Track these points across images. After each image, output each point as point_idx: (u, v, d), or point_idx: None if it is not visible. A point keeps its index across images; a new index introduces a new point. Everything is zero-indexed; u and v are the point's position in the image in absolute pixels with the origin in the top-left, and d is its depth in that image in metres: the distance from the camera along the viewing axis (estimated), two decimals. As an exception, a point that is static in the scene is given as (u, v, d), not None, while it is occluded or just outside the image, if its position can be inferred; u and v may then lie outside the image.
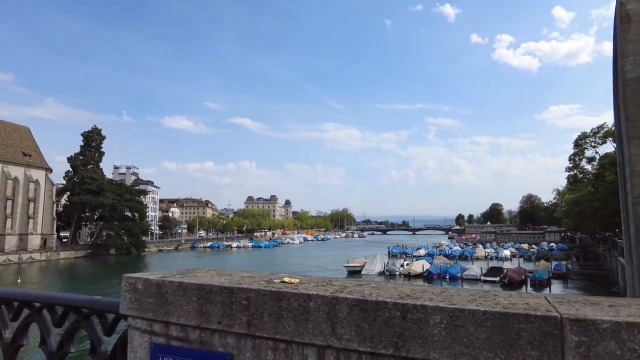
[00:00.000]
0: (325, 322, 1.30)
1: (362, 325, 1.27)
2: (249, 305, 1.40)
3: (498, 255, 74.09)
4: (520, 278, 43.21)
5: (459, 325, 1.19)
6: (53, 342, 2.08)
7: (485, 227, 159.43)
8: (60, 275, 55.56)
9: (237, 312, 1.42)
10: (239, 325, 1.41)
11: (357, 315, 1.27)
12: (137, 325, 1.61)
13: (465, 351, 1.17)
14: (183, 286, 1.52)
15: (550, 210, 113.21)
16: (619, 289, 36.93)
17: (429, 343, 1.20)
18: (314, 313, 1.32)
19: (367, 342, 1.26)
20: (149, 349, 1.56)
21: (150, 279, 1.58)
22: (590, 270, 51.94)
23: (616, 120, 7.61)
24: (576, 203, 61.29)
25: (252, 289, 1.41)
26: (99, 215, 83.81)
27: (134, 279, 1.62)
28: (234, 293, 1.43)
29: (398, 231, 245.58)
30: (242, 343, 1.42)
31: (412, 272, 50.43)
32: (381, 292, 1.37)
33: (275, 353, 1.37)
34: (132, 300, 1.61)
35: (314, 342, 1.31)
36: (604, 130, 52.15)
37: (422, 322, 1.22)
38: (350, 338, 1.27)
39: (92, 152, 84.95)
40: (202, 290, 1.48)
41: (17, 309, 2.22)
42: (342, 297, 1.30)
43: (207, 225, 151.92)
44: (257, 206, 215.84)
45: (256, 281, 1.53)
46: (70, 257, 74.26)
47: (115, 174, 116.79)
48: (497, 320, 1.16)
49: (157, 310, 1.55)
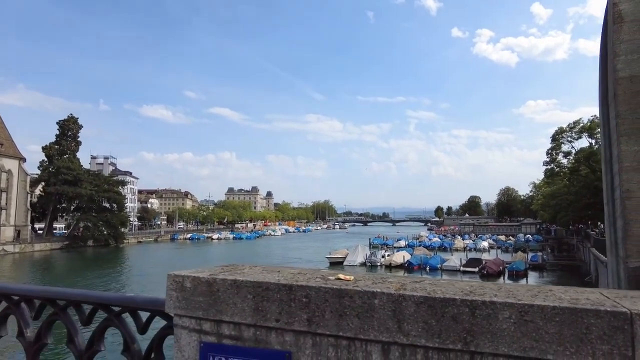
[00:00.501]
0: (391, 319, 1.31)
1: (430, 322, 1.28)
2: (309, 302, 1.39)
3: (476, 246, 75.78)
4: (498, 269, 44.36)
5: (528, 320, 1.21)
6: (81, 340, 2.02)
7: (463, 219, 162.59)
8: (35, 267, 54.04)
9: (297, 309, 1.40)
10: (299, 322, 1.40)
11: (424, 312, 1.28)
12: (185, 324, 1.58)
13: (534, 345, 1.20)
14: (237, 284, 1.49)
15: (527, 203, 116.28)
16: (591, 278, 38.39)
17: (498, 338, 1.22)
18: (379, 310, 1.32)
19: (435, 338, 1.27)
20: (198, 348, 1.54)
21: (200, 277, 1.55)
22: (564, 261, 53.69)
23: (603, 117, 7.82)
24: (552, 196, 63.15)
25: (312, 287, 1.40)
26: (76, 206, 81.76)
27: (181, 277, 1.59)
28: (293, 290, 1.42)
29: (378, 223, 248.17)
30: (301, 340, 1.41)
31: (394, 263, 51.23)
32: (442, 288, 1.38)
33: (337, 350, 1.37)
34: (180, 299, 1.58)
35: (379, 339, 1.32)
36: (580, 126, 53.71)
37: (491, 318, 1.23)
38: (418, 334, 1.28)
39: (68, 141, 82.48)
40: (258, 288, 1.46)
41: (39, 307, 2.15)
42: (408, 295, 1.30)
43: (187, 216, 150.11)
44: (238, 198, 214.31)
45: (311, 278, 1.52)
46: (46, 249, 72.33)
47: (93, 164, 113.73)
48: (566, 315, 1.19)
49: (207, 309, 1.52)
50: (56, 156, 79.61)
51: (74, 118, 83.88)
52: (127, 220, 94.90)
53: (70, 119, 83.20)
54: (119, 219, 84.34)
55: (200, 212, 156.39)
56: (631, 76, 6.59)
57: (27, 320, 2.16)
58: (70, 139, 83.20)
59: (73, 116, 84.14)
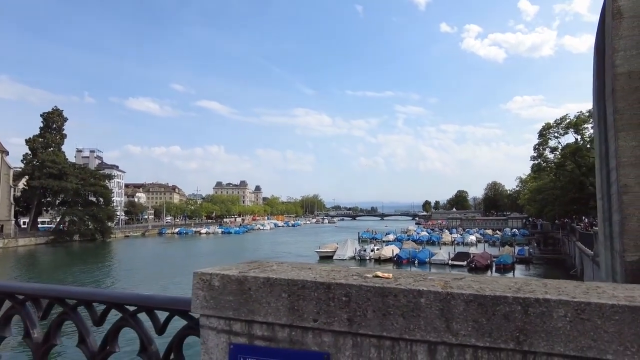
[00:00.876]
0: (439, 318, 1.25)
1: (480, 320, 1.22)
2: (350, 301, 1.32)
3: (464, 240, 76.67)
4: (486, 262, 44.98)
5: (585, 318, 1.16)
6: (93, 341, 1.93)
7: (451, 213, 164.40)
8: (20, 263, 53.06)
9: (336, 308, 1.33)
10: (339, 322, 1.33)
11: (474, 311, 1.22)
12: (213, 325, 1.49)
13: (592, 345, 1.15)
14: (270, 282, 1.41)
15: (513, 198, 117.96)
16: (576, 272, 39.16)
17: (553, 337, 1.17)
18: (425, 309, 1.26)
19: (485, 337, 1.21)
20: (227, 350, 1.46)
21: (230, 275, 1.46)
22: (549, 254, 54.68)
23: (599, 113, 7.87)
24: (538, 191, 64.13)
25: (353, 285, 1.32)
26: (62, 200, 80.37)
27: (208, 275, 1.50)
28: (332, 289, 1.34)
29: (367, 217, 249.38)
30: (340, 341, 1.34)
31: (383, 257, 51.62)
32: (489, 286, 1.32)
33: (380, 350, 1.30)
34: (207, 299, 1.49)
35: (426, 339, 1.26)
36: (566, 122, 54.49)
37: (545, 316, 1.18)
38: (467, 334, 1.22)
39: (52, 134, 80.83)
40: (293, 286, 1.38)
41: (47, 307, 2.05)
42: (457, 293, 1.24)
43: (174, 211, 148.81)
44: (226, 192, 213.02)
45: (347, 276, 1.44)
46: (30, 244, 71.05)
47: (78, 158, 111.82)
48: (626, 313, 1.14)
49: (238, 309, 1.44)
50: (40, 149, 78.03)
51: (58, 110, 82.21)
52: (114, 215, 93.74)
53: (55, 112, 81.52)
54: (105, 213, 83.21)
55: (188, 207, 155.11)
56: (630, 72, 6.63)
57: (33, 320, 2.05)
58: (55, 132, 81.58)
59: (58, 108, 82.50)
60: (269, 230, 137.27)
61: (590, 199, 53.27)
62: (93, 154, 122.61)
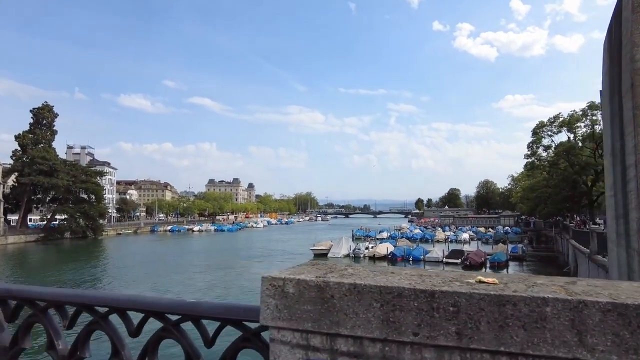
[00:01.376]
0: (569, 331, 1.06)
1: (622, 334, 1.04)
2: (458, 312, 1.13)
3: (457, 238, 76.99)
4: (480, 260, 45.09)
5: None
6: (127, 354, 1.73)
7: (443, 211, 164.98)
8: (8, 261, 52.10)
9: (442, 320, 1.14)
10: (445, 336, 1.13)
11: (613, 322, 1.04)
12: (286, 339, 1.29)
13: None
14: (357, 289, 1.21)
15: (506, 196, 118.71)
16: (569, 269, 39.44)
17: None
18: (552, 320, 1.07)
19: (630, 354, 1.03)
20: (304, 367, 1.26)
21: (307, 280, 1.26)
22: (542, 252, 55.08)
23: (613, 109, 7.77)
24: (532, 189, 64.52)
25: (462, 293, 1.13)
26: (52, 197, 79.18)
27: (281, 280, 1.29)
28: (436, 297, 1.15)
29: (360, 215, 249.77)
30: (446, 358, 1.15)
31: (377, 255, 51.61)
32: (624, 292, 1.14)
33: (495, 368, 1.11)
34: (280, 308, 1.28)
35: (554, 354, 1.07)
36: (560, 120, 54.76)
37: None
38: (606, 349, 1.04)
39: (43, 130, 79.45)
40: (387, 294, 1.18)
41: (74, 315, 1.84)
42: (590, 301, 1.06)
43: (166, 208, 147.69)
44: (219, 189, 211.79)
45: (451, 282, 1.24)
46: (20, 241, 69.98)
47: (69, 154, 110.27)
48: None
49: (319, 320, 1.23)
50: (30, 145, 76.68)
51: (49, 106, 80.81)
52: (106, 212, 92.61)
53: (45, 107, 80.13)
54: (97, 210, 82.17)
55: (181, 204, 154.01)
56: (650, 66, 6.48)
57: (57, 330, 1.85)
58: (45, 128, 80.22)
59: (48, 104, 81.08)
60: (262, 228, 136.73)
61: (582, 197, 53.75)
62: (84, 150, 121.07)
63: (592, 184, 50.14)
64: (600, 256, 21.26)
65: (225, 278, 37.05)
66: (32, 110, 79.30)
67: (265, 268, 44.42)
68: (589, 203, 52.83)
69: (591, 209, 53.36)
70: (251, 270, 42.20)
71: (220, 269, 43.43)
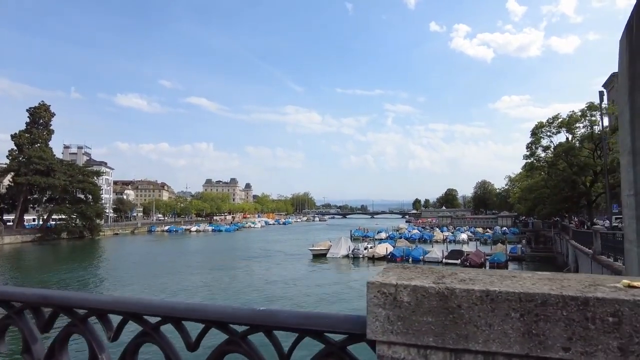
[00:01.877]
0: None
1: None
2: (621, 323, 0.96)
3: (455, 238, 77.06)
4: (480, 260, 45.09)
5: None
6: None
7: (440, 211, 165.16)
8: (5, 262, 51.61)
9: (600, 333, 0.97)
10: (605, 352, 0.97)
11: None
12: (399, 356, 1.10)
13: None
14: (491, 296, 1.04)
15: (503, 196, 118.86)
16: (569, 269, 39.49)
17: None
18: None
19: None
20: (423, 388, 1.08)
21: (426, 287, 1.08)
22: (541, 252, 55.11)
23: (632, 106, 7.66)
24: (530, 190, 64.58)
25: (624, 300, 0.96)
26: (49, 197, 78.57)
27: (392, 286, 1.11)
28: (590, 306, 0.98)
29: (357, 215, 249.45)
30: (604, 377, 0.98)
31: (376, 255, 51.54)
32: None
33: (667, 392, 0.95)
34: (393, 319, 1.10)
35: None
36: (559, 121, 54.78)
37: None
38: None
39: (39, 129, 78.81)
40: (528, 303, 1.01)
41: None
42: None
43: (163, 208, 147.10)
44: (216, 189, 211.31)
45: (603, 287, 1.07)
46: (16, 242, 69.36)
47: (66, 154, 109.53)
48: None
49: (442, 333, 1.06)
50: (27, 145, 76.06)
51: (45, 105, 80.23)
52: (103, 212, 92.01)
53: (42, 106, 79.54)
54: (94, 210, 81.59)
55: (178, 204, 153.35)
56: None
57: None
58: (42, 127, 79.59)
59: (45, 103, 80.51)
60: (259, 228, 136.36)
61: (581, 198, 53.78)
62: (81, 150, 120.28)
63: (590, 185, 50.20)
64: (605, 256, 21.20)
65: (225, 279, 36.76)
66: (28, 110, 78.70)
67: (265, 268, 44.19)
68: (587, 203, 52.93)
69: (590, 210, 53.46)
70: (251, 270, 42.05)
71: (221, 269, 43.21)
